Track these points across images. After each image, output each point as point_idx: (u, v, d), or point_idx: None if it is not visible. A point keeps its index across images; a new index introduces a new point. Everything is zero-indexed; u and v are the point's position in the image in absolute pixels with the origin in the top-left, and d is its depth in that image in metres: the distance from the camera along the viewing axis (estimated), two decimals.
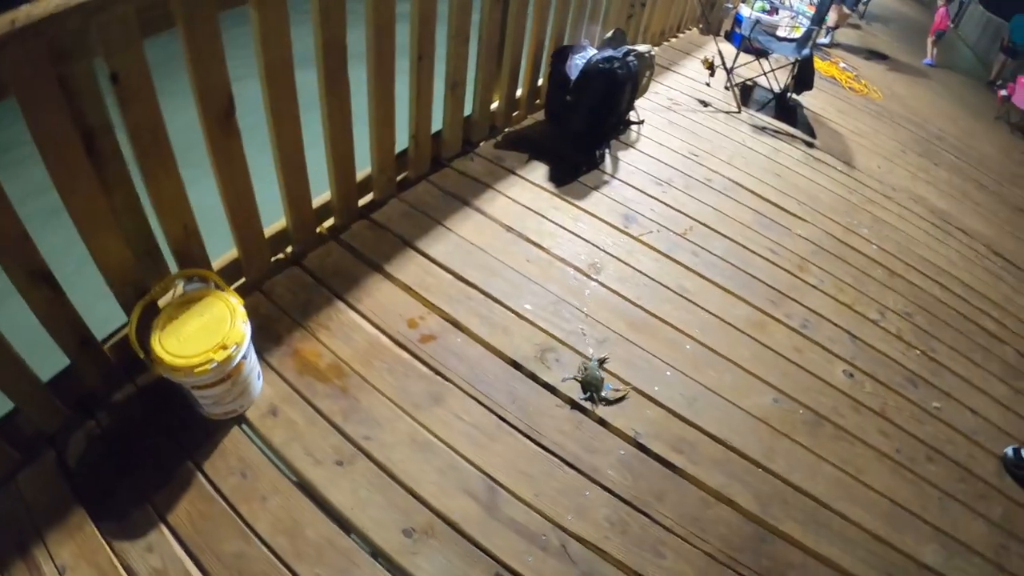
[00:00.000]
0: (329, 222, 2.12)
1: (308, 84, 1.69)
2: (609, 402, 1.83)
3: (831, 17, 6.89)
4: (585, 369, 1.86)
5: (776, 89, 4.46)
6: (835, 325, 2.48)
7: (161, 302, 1.54)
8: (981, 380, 2.64)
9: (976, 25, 16.15)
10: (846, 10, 7.15)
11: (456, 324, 1.93)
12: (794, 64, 4.25)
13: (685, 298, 2.29)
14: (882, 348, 2.49)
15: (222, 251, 1.78)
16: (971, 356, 2.74)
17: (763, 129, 3.92)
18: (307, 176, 1.85)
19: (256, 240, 1.80)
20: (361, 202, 2.22)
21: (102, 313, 1.53)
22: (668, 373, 1.99)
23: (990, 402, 2.55)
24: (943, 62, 9.31)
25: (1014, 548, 2.01)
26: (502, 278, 2.11)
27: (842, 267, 2.86)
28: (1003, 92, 7.92)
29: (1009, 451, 2.32)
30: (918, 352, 2.57)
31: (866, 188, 3.74)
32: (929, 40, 9.06)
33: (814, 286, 2.64)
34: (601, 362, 1.91)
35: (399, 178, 2.35)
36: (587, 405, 1.81)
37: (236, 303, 1.47)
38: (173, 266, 1.59)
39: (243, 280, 1.85)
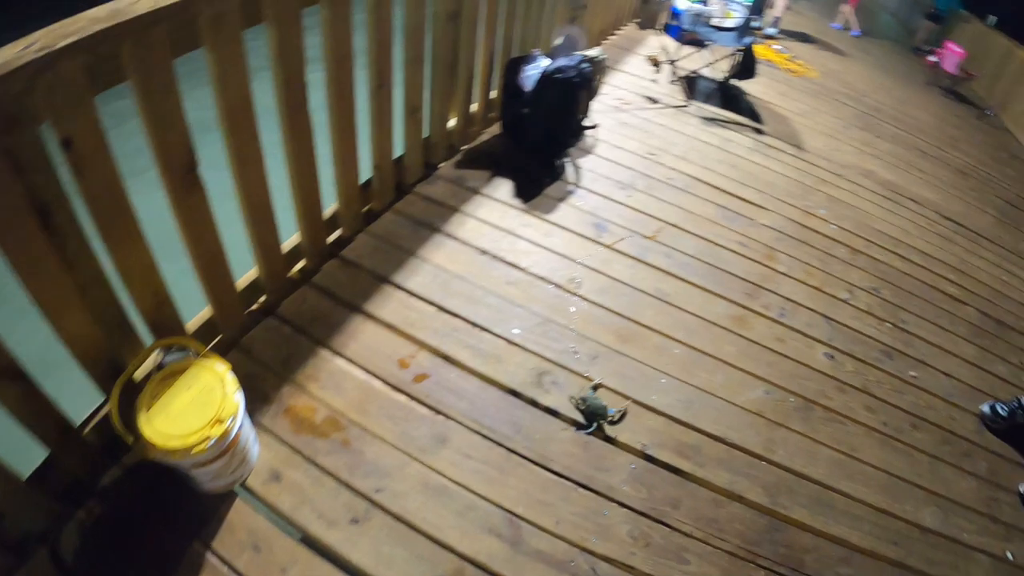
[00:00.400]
0: (300, 265, 2.10)
1: (266, 125, 1.67)
2: (615, 422, 1.88)
3: (778, 6, 7.17)
4: (583, 401, 1.90)
5: (720, 78, 4.63)
6: (810, 310, 2.61)
7: (140, 376, 1.50)
8: (950, 343, 2.82)
9: None
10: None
11: (447, 358, 1.94)
12: (735, 52, 4.43)
13: (665, 302, 2.37)
14: (856, 326, 2.64)
15: (195, 310, 1.75)
16: (938, 322, 2.92)
17: (712, 120, 4.07)
18: (275, 221, 1.83)
19: (229, 295, 1.78)
20: (329, 239, 2.21)
21: (78, 393, 1.48)
22: (662, 380, 2.06)
23: (961, 363, 2.73)
24: (867, 32, 9.75)
25: (1003, 498, 2.18)
26: (485, 304, 2.14)
27: (807, 251, 3.02)
28: (932, 59, 8.37)
29: (985, 408, 2.49)
30: (889, 325, 2.73)
31: (817, 169, 3.94)
32: (846, 9, 9.45)
33: (784, 273, 2.78)
34: (595, 388, 1.95)
35: (364, 210, 2.35)
36: (596, 435, 1.86)
37: (224, 370, 1.43)
38: (147, 336, 1.55)
39: (219, 338, 1.82)
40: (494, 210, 2.59)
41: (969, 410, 2.49)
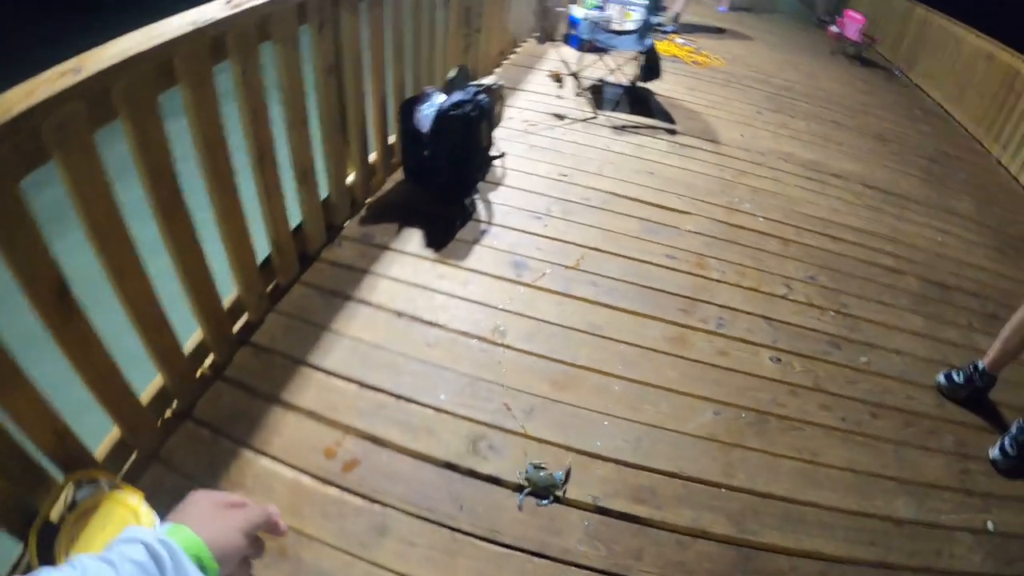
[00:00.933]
0: (209, 360, 2.00)
1: (142, 226, 1.58)
2: (565, 482, 1.82)
3: (679, 3, 7.36)
4: (528, 479, 1.82)
5: (625, 83, 4.69)
6: (749, 314, 2.62)
7: (56, 516, 1.38)
8: (896, 318, 2.88)
9: None
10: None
11: (376, 440, 1.86)
12: (638, 55, 4.51)
13: (598, 336, 2.33)
14: (798, 321, 2.66)
15: (104, 431, 1.65)
16: (880, 299, 2.98)
17: (623, 128, 4.12)
18: (168, 323, 1.73)
19: (134, 411, 1.68)
20: (237, 327, 2.11)
21: None
22: (605, 423, 2.01)
23: (910, 337, 2.79)
24: (764, 7, 10.15)
25: (974, 468, 2.22)
26: (409, 373, 2.07)
27: (737, 251, 3.05)
28: (833, 28, 8.76)
29: (940, 378, 2.54)
30: (832, 313, 2.76)
31: (736, 161, 4.02)
32: None
33: (718, 280, 2.79)
34: (537, 467, 1.87)
35: (269, 289, 2.26)
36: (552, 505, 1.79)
37: (137, 502, 1.38)
38: (58, 472, 1.44)
39: (136, 455, 1.71)
40: (406, 265, 2.52)
41: (926, 385, 2.53)
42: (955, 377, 2.49)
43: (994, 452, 2.26)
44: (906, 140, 5.57)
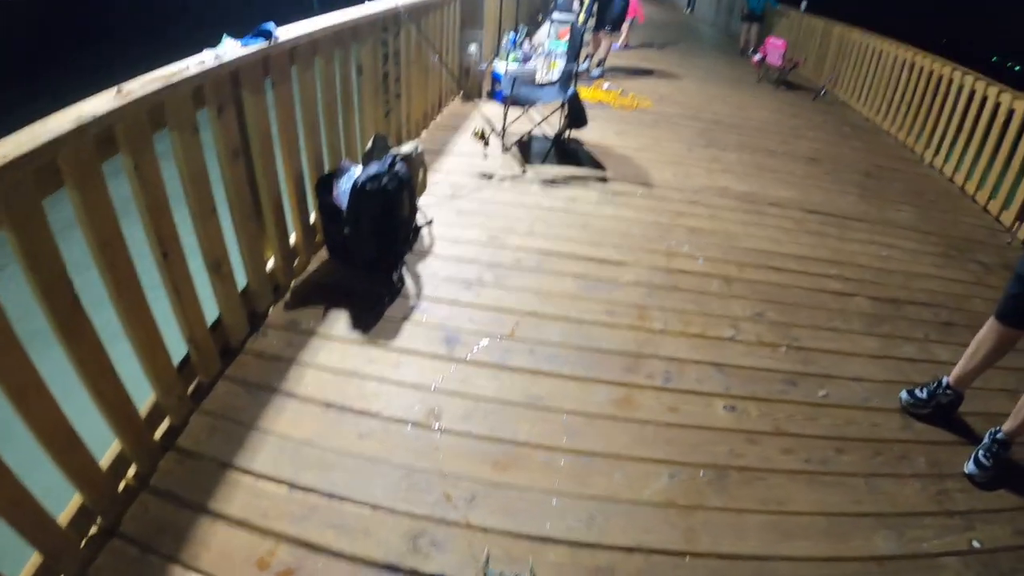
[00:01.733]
0: (131, 471, 1.90)
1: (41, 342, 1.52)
2: None
3: (603, 48, 7.64)
4: None
5: (552, 134, 4.78)
6: (697, 363, 2.60)
7: None
8: (850, 344, 2.90)
9: (709, 5, 19.01)
10: (620, 36, 7.80)
11: (310, 546, 1.75)
12: (563, 105, 4.61)
13: (539, 408, 2.28)
14: (749, 363, 2.65)
15: (23, 560, 1.55)
16: (831, 326, 3.01)
17: (553, 182, 4.17)
18: (81, 441, 1.65)
19: (55, 535, 1.58)
20: (159, 433, 2.02)
21: None
22: (554, 502, 1.94)
23: (866, 361, 2.80)
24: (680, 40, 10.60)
25: (951, 486, 2.21)
26: (341, 469, 1.98)
27: (680, 297, 3.05)
28: (757, 57, 9.23)
29: (904, 395, 2.55)
30: (784, 348, 2.77)
31: (671, 202, 4.09)
32: (625, 26, 10.25)
33: (661, 331, 2.77)
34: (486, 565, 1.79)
35: (191, 389, 2.19)
36: None
37: None
38: None
39: None
40: (334, 351, 2.46)
41: (891, 408, 2.54)
42: (918, 393, 2.50)
43: (970, 466, 2.25)
44: (839, 159, 5.78)
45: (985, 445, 2.26)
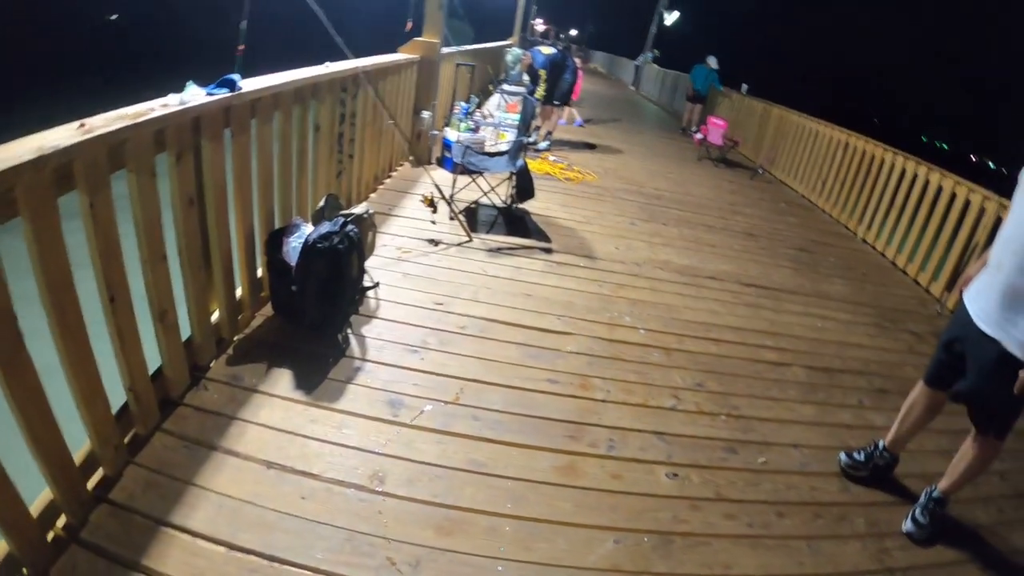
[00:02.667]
0: (61, 521, 1.85)
1: None
2: None
3: (551, 122, 8.02)
4: None
5: (499, 204, 4.97)
6: (639, 432, 2.72)
7: None
8: (788, 412, 3.08)
9: (654, 83, 20.20)
10: (565, 111, 8.22)
11: None
12: (511, 176, 4.84)
13: (483, 474, 2.33)
14: (690, 432, 2.78)
15: None
16: (769, 394, 3.19)
17: (499, 250, 4.33)
18: (11, 484, 1.60)
19: None
20: (92, 483, 1.98)
21: None
22: (499, 568, 1.98)
23: (804, 428, 2.98)
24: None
25: (891, 545, 2.36)
26: (282, 530, 1.97)
27: (621, 367, 3.19)
28: (698, 136, 9.84)
29: (842, 457, 2.73)
30: (723, 417, 2.91)
31: (613, 274, 4.30)
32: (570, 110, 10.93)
33: (604, 400, 2.89)
34: None
35: (127, 439, 2.15)
36: None
37: None
38: None
39: None
40: (276, 410, 2.47)
41: (829, 472, 2.70)
42: (856, 456, 2.68)
43: (907, 525, 2.42)
44: (775, 234, 6.17)
45: (922, 504, 2.44)
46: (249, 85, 2.62)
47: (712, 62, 12.11)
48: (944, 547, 2.38)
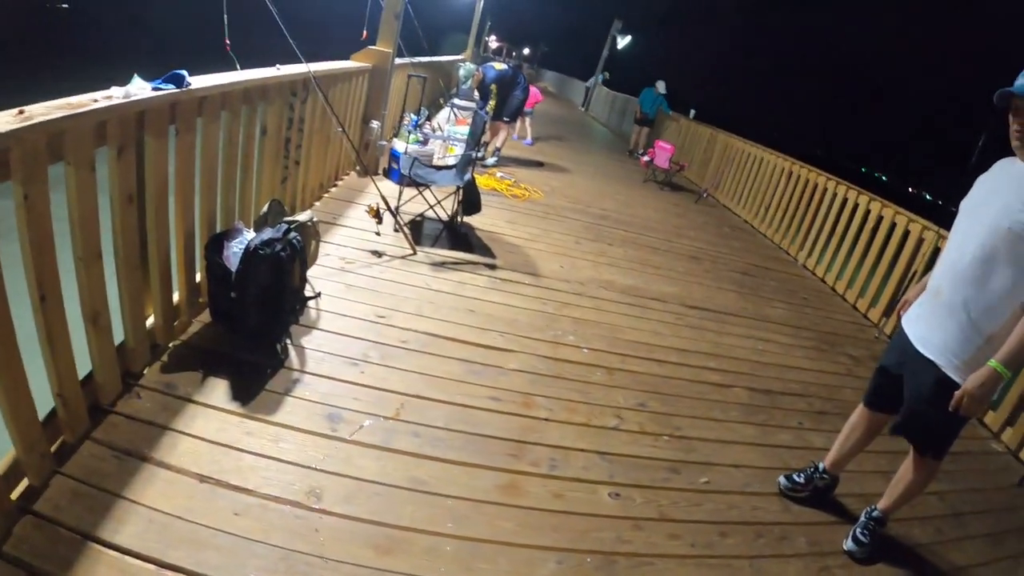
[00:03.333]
0: None
1: None
2: None
3: (500, 138, 8.06)
4: None
5: (445, 217, 4.98)
6: (582, 451, 2.74)
7: None
8: (729, 433, 3.16)
9: (604, 105, 20.62)
10: (518, 125, 8.30)
11: None
12: (458, 190, 4.86)
13: (423, 492, 2.31)
14: (633, 451, 2.82)
15: None
16: (711, 415, 3.26)
17: (443, 264, 4.32)
18: None
19: None
20: (16, 493, 1.90)
21: None
22: None
23: (745, 449, 3.06)
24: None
25: (832, 563, 2.44)
26: (213, 548, 1.91)
27: (564, 386, 3.22)
28: (645, 158, 10.08)
29: (782, 479, 2.81)
30: (666, 438, 2.97)
31: (557, 293, 4.35)
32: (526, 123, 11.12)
33: (547, 419, 2.90)
34: None
35: (54, 447, 2.07)
36: None
37: None
38: None
39: None
40: (211, 420, 2.40)
41: (770, 492, 2.77)
42: (796, 478, 2.77)
43: (848, 544, 2.51)
44: (718, 258, 6.35)
45: (862, 523, 2.54)
46: (198, 82, 2.57)
47: (660, 87, 12.49)
48: (884, 565, 2.48)
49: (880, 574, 2.44)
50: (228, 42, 2.90)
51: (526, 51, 57.59)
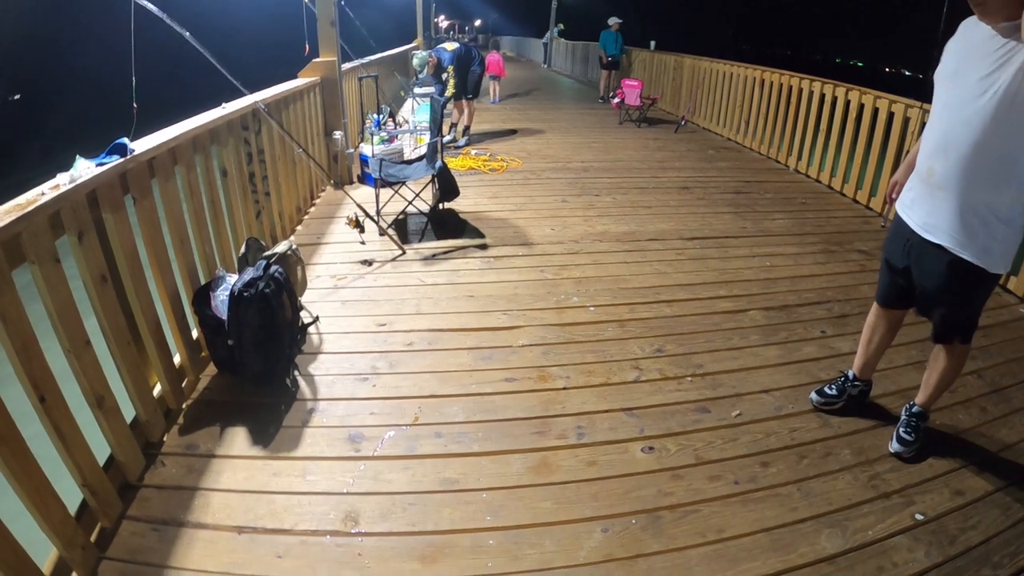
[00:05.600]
0: None
1: None
2: None
3: (466, 115, 7.96)
4: None
5: (426, 209, 4.90)
6: (606, 412, 2.68)
7: None
8: (753, 359, 3.09)
9: (565, 57, 20.34)
10: (475, 104, 8.23)
11: None
12: (433, 179, 4.78)
13: (456, 491, 2.27)
14: (658, 400, 2.76)
15: None
16: (731, 345, 3.20)
17: (433, 257, 4.26)
18: None
19: None
20: None
21: None
22: None
23: (772, 371, 2.99)
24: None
25: (881, 469, 2.38)
26: None
27: (577, 349, 3.16)
28: (616, 100, 9.92)
29: (814, 397, 2.74)
30: (689, 379, 2.91)
31: (552, 257, 4.28)
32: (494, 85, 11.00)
33: (564, 388, 2.84)
34: None
35: (94, 536, 2.07)
36: None
37: None
38: None
39: None
40: (237, 471, 2.37)
41: (805, 411, 2.71)
42: (828, 391, 2.70)
43: (894, 446, 2.45)
44: (708, 182, 6.24)
45: (904, 421, 2.47)
46: (142, 145, 2.50)
47: (613, 23, 12.13)
48: (935, 459, 2.43)
49: (932, 469, 2.38)
50: (136, 105, 2.83)
51: (477, 23, 56.87)
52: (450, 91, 7.43)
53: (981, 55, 1.95)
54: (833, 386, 2.70)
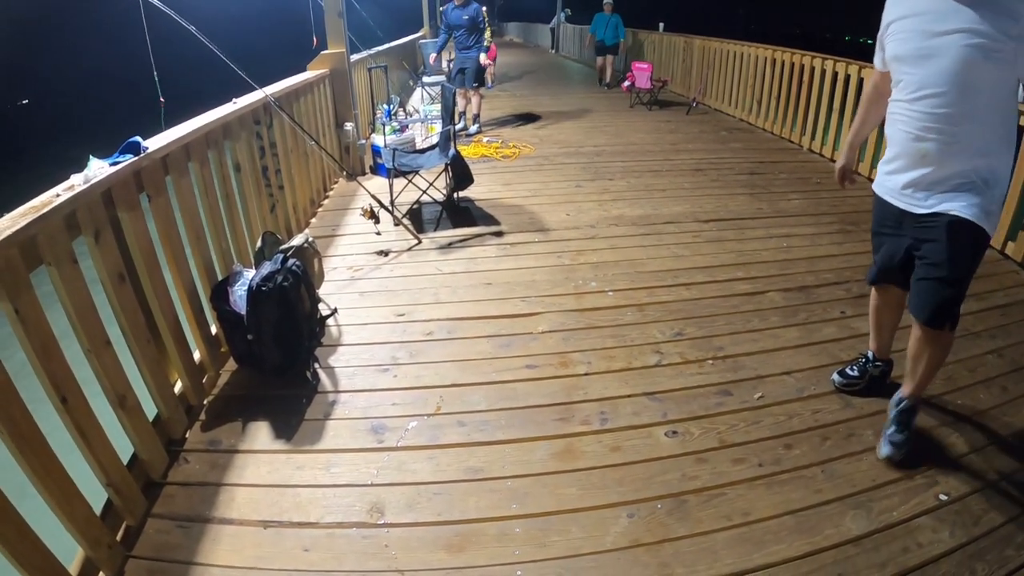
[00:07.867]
0: None
1: None
2: None
3: (474, 103, 7.91)
4: None
5: (441, 198, 4.88)
6: (628, 397, 2.66)
7: None
8: (773, 340, 3.05)
9: (573, 42, 20.19)
10: (483, 90, 8.19)
11: None
12: (446, 167, 4.76)
13: (481, 480, 2.27)
14: (680, 384, 2.74)
15: None
16: (751, 327, 3.16)
17: (450, 246, 4.24)
18: None
19: None
20: None
21: None
22: (519, 573, 1.92)
23: (792, 353, 2.96)
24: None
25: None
26: None
27: (597, 334, 3.13)
28: (626, 83, 9.81)
29: (836, 378, 2.70)
30: (710, 362, 2.88)
31: (569, 242, 4.24)
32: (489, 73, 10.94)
33: (586, 373, 2.83)
34: None
35: (120, 535, 2.09)
36: None
37: None
38: None
39: None
40: (261, 465, 2.38)
41: (827, 392, 2.68)
42: (850, 372, 2.66)
43: (884, 450, 2.32)
44: (722, 164, 6.16)
45: (893, 419, 2.33)
46: (155, 143, 2.49)
47: (607, 3, 11.57)
48: (958, 438, 2.39)
49: (955, 448, 2.35)
50: (163, 100, 2.82)
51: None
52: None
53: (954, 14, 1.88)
54: (855, 367, 2.67)
